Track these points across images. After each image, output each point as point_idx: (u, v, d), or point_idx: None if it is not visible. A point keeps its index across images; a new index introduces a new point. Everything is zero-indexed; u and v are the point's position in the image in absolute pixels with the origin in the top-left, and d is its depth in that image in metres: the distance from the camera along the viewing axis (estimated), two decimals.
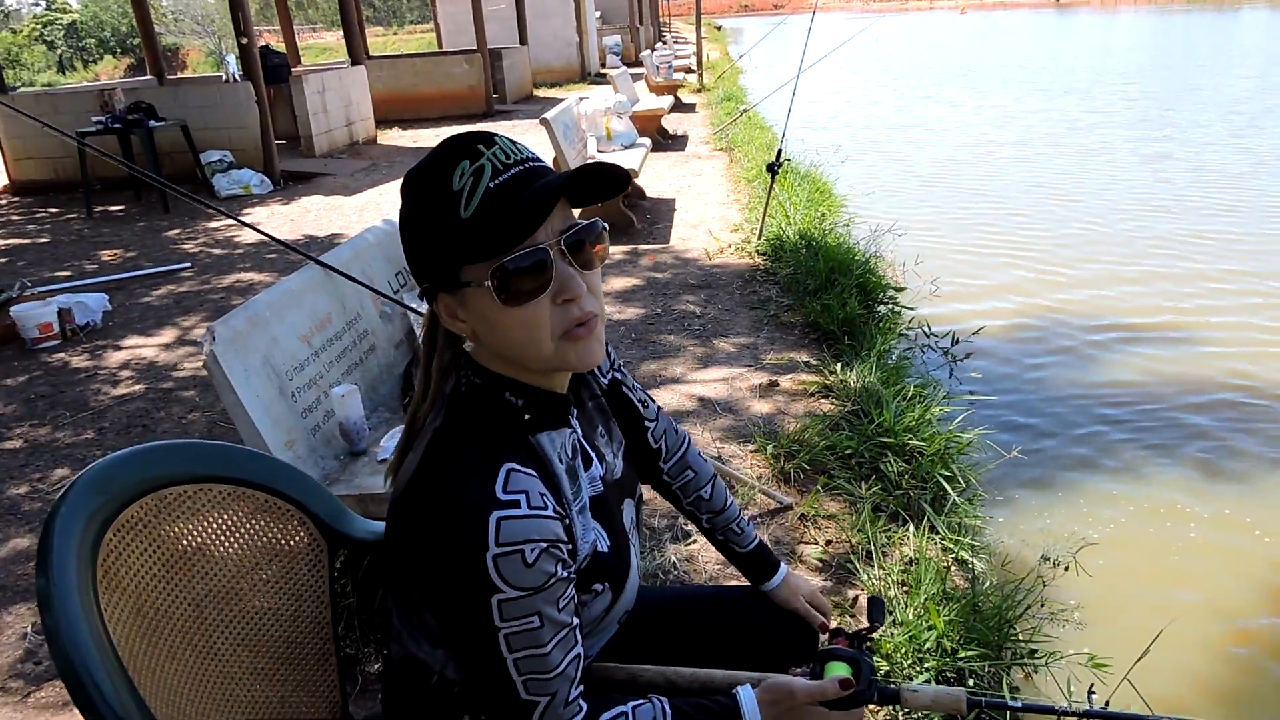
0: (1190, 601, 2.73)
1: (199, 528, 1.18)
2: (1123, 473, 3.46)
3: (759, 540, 1.40)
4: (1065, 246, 6.43)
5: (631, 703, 1.03)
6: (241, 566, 1.22)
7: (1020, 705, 1.36)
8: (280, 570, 1.27)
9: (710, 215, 6.74)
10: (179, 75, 19.73)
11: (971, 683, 2.05)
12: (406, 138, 12.26)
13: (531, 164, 0.93)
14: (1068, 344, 4.72)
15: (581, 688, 0.97)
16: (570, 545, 0.95)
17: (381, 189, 8.58)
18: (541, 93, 17.68)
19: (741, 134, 9.93)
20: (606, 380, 1.24)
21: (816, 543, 2.60)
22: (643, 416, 1.31)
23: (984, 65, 21.17)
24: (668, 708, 1.03)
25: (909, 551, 2.51)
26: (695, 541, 2.61)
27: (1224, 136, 10.25)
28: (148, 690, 1.00)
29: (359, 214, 7.54)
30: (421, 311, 2.51)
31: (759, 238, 5.65)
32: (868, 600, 1.29)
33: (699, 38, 17.81)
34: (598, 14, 24.38)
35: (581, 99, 7.33)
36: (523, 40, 17.09)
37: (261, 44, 10.49)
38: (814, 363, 3.85)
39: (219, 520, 1.20)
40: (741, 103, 12.73)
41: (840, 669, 1.12)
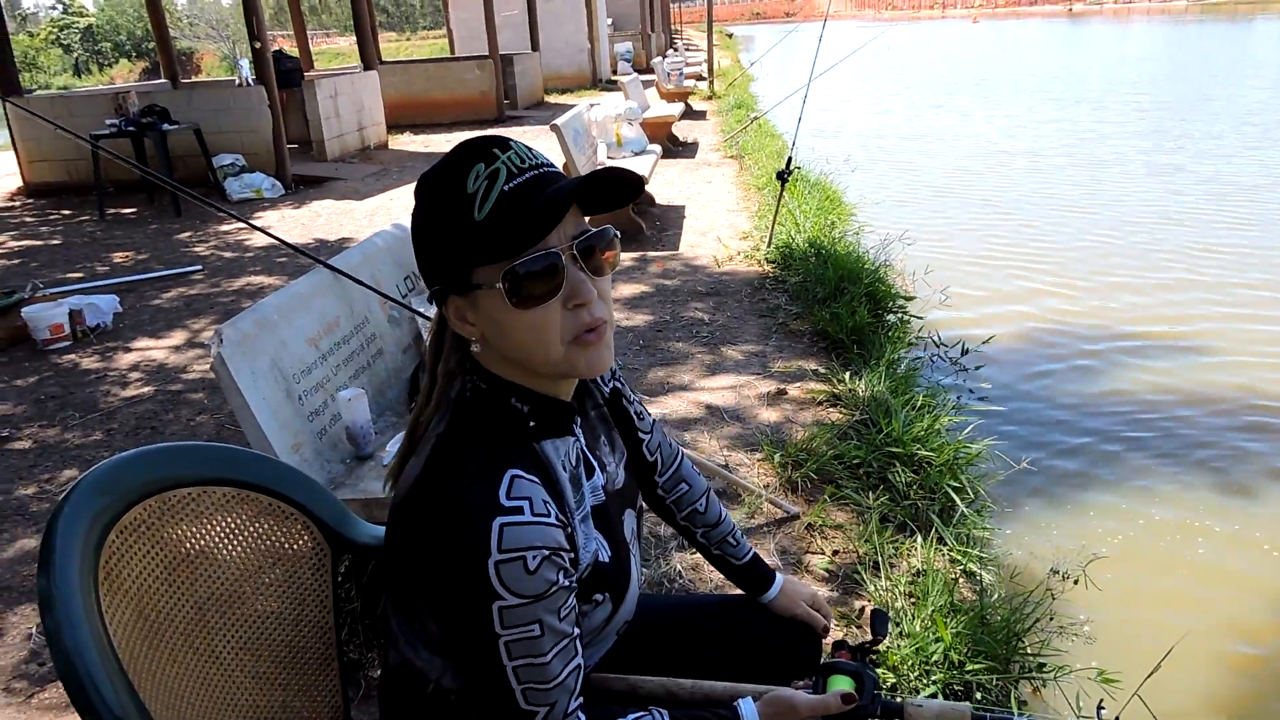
0: (1202, 617, 2.70)
1: (202, 530, 1.17)
2: (1133, 485, 3.43)
3: (753, 553, 1.39)
4: (1076, 258, 6.40)
5: (631, 715, 1.02)
6: (244, 570, 1.21)
7: None
8: (283, 574, 1.27)
9: (720, 223, 6.74)
10: (193, 79, 19.88)
11: (979, 696, 2.03)
12: (418, 143, 12.30)
13: (546, 169, 0.94)
14: (1078, 355, 4.69)
15: (581, 699, 0.97)
16: (572, 554, 0.95)
17: (392, 194, 8.60)
18: (553, 98, 17.74)
19: (752, 141, 9.93)
20: (608, 389, 1.24)
21: (823, 553, 2.59)
22: (638, 429, 1.30)
23: (996, 74, 21.14)
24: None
25: (916, 563, 2.49)
26: None
27: (1238, 148, 10.20)
28: (148, 693, 0.99)
29: (369, 219, 7.56)
30: (429, 316, 2.51)
31: (768, 245, 5.64)
32: (871, 613, 1.28)
33: (710, 45, 17.85)
34: (609, 21, 24.46)
35: (592, 105, 7.35)
36: (534, 46, 17.15)
37: (275, 48, 10.55)
38: (822, 371, 3.83)
39: (222, 523, 1.20)
40: (752, 110, 12.74)
41: (843, 683, 1.11)
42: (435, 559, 0.90)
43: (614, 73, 21.21)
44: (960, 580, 2.49)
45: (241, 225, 7.34)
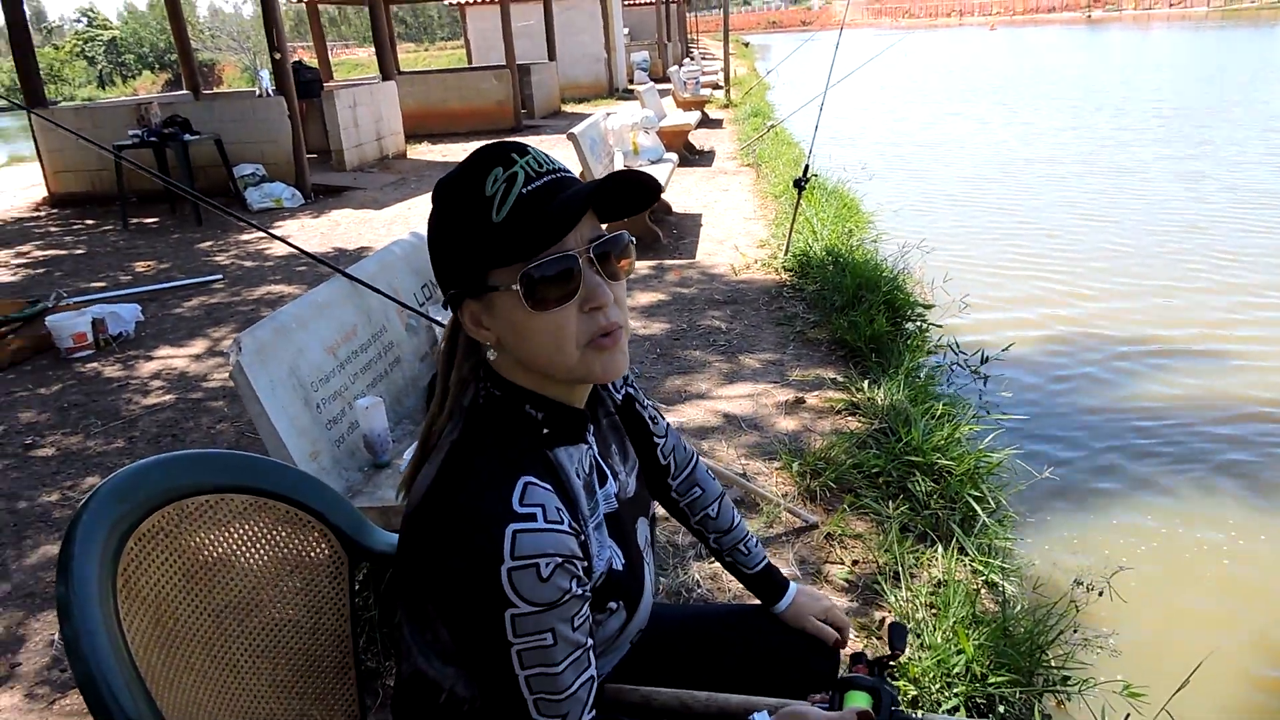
0: (1230, 631, 2.65)
1: (220, 538, 1.17)
2: (1157, 495, 3.38)
3: (767, 561, 1.37)
4: (1097, 265, 6.34)
5: None
6: (262, 578, 1.21)
7: None
8: (301, 582, 1.27)
9: (736, 231, 6.73)
10: (214, 90, 20.09)
11: (1002, 709, 2.00)
12: (436, 152, 12.37)
13: (563, 173, 0.94)
14: (1099, 363, 4.64)
15: (594, 712, 0.96)
16: (586, 562, 0.94)
17: (410, 203, 8.65)
18: (569, 108, 17.80)
19: (768, 150, 9.92)
20: (620, 396, 1.23)
21: (843, 563, 2.56)
22: (652, 433, 1.30)
23: (1014, 82, 21.03)
24: None
25: (937, 573, 2.47)
26: None
27: (1261, 154, 10.08)
28: (165, 701, 0.99)
29: (388, 227, 7.60)
30: (446, 324, 2.52)
31: (785, 253, 5.62)
32: (889, 626, 1.26)
33: (726, 54, 17.86)
34: (626, 30, 24.56)
35: (609, 114, 7.37)
36: (551, 56, 17.24)
37: (295, 60, 10.64)
38: (841, 380, 3.81)
39: (240, 531, 1.20)
40: (768, 118, 12.73)
41: (860, 699, 1.09)
42: (447, 566, 0.90)
43: (630, 82, 21.26)
44: (982, 591, 2.46)
45: (261, 234, 7.39)
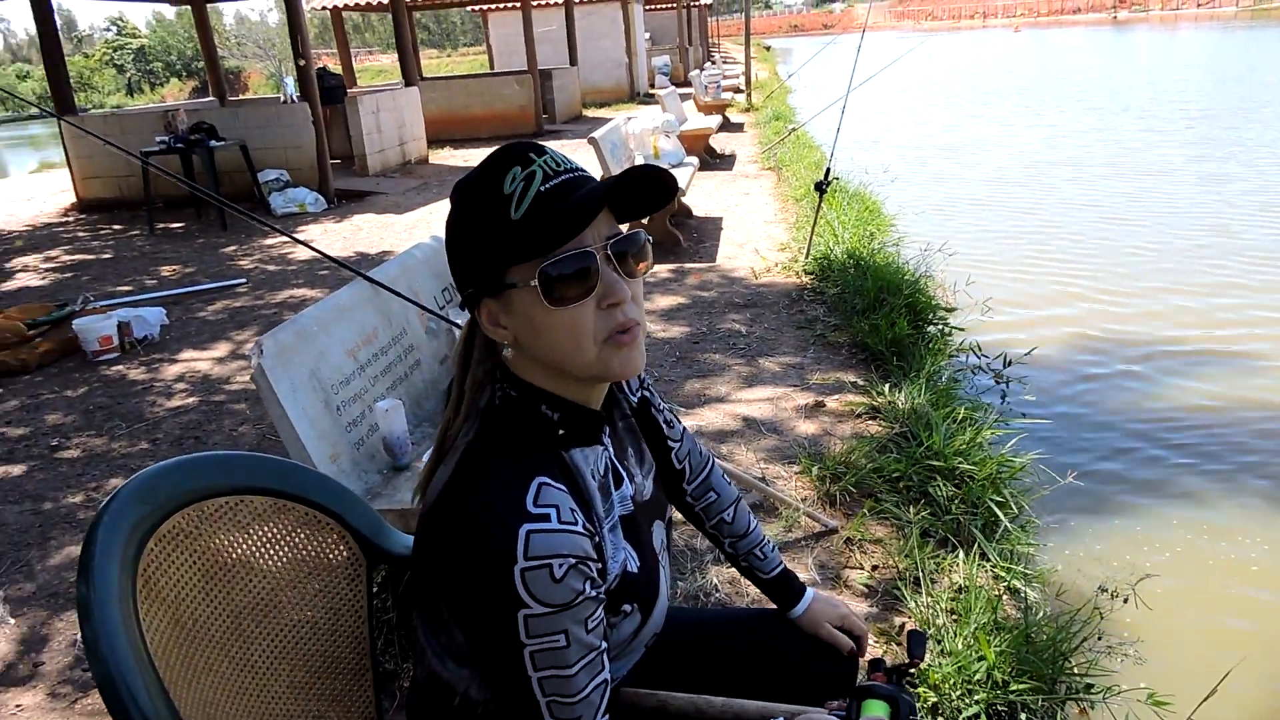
0: (1259, 640, 2.61)
1: (239, 539, 1.18)
2: (1183, 500, 3.34)
3: (783, 566, 1.36)
4: (1121, 268, 6.27)
5: None
6: (280, 579, 1.22)
7: None
8: (319, 584, 1.27)
9: (757, 234, 6.71)
10: (240, 97, 20.32)
11: (1024, 717, 1.97)
12: (458, 157, 12.44)
13: (580, 172, 0.95)
14: (1125, 367, 4.59)
15: (608, 716, 0.95)
16: (600, 564, 0.93)
17: (432, 208, 8.70)
18: (590, 113, 17.85)
19: (789, 153, 9.89)
20: (636, 399, 1.23)
21: (862, 568, 2.54)
22: (668, 437, 1.29)
23: (1038, 84, 20.86)
24: None
25: (959, 579, 2.44)
26: None
27: None
28: (183, 701, 0.99)
29: (410, 232, 7.65)
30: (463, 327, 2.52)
31: (806, 257, 5.60)
32: (908, 634, 1.24)
33: (748, 58, 17.84)
34: (647, 35, 24.60)
35: (629, 119, 7.37)
36: (573, 61, 17.29)
37: (319, 66, 10.74)
38: (861, 383, 3.78)
39: (259, 532, 1.20)
40: (790, 122, 12.70)
41: (878, 708, 1.08)
42: (461, 566, 0.90)
43: (652, 86, 21.29)
44: (1004, 597, 2.43)
45: (285, 239, 7.46)
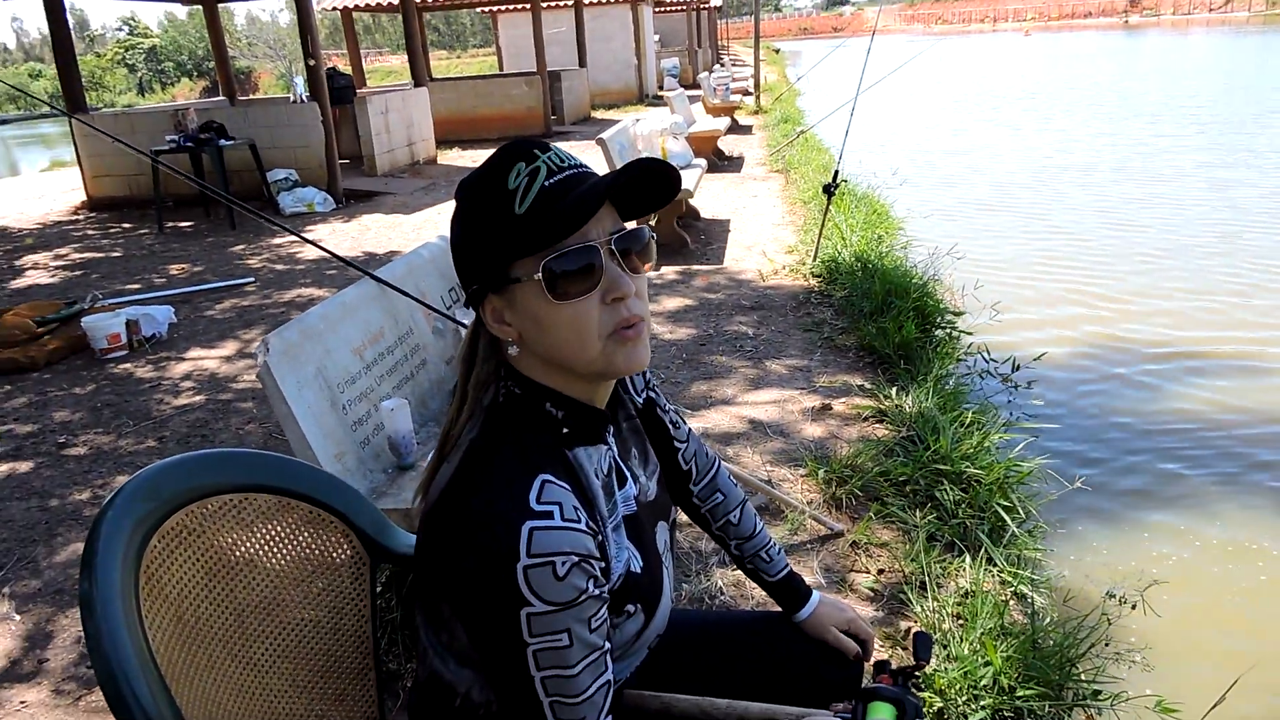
0: (1268, 648, 2.58)
1: (242, 537, 1.18)
2: (1191, 507, 3.31)
3: (789, 569, 1.35)
4: (1131, 273, 6.24)
5: None
6: (284, 578, 1.22)
7: None
8: (323, 583, 1.27)
9: (765, 236, 6.70)
10: (250, 97, 20.39)
11: None
12: (466, 158, 12.46)
13: (584, 168, 0.96)
14: (1133, 373, 4.56)
15: (610, 718, 0.95)
16: (603, 563, 0.93)
17: (440, 208, 8.72)
18: (599, 114, 17.87)
19: (798, 156, 9.88)
20: (641, 400, 1.22)
21: (868, 571, 2.53)
22: (673, 438, 1.29)
23: (1048, 88, 20.80)
24: None
25: (965, 583, 2.43)
26: None
27: None
28: (184, 698, 0.99)
29: (417, 232, 7.66)
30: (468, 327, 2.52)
31: (814, 259, 5.59)
32: (914, 636, 1.23)
33: (757, 60, 17.84)
34: (656, 37, 24.62)
35: (638, 120, 7.37)
36: (582, 63, 17.31)
37: (329, 67, 10.77)
38: (868, 387, 3.77)
39: (262, 530, 1.20)
40: (798, 124, 12.68)
41: (883, 711, 1.07)
42: (463, 564, 0.89)
43: (661, 88, 21.31)
44: (1011, 602, 2.42)
45: (293, 238, 7.48)
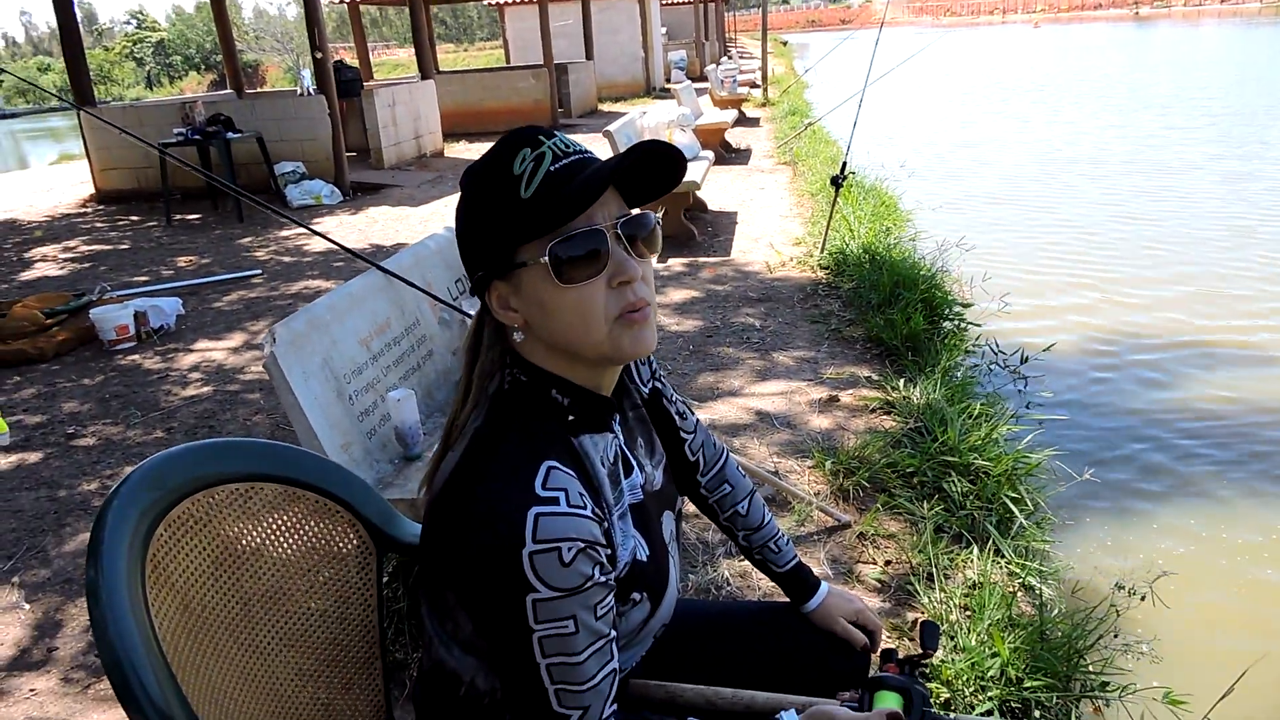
0: (1276, 637, 2.57)
1: (249, 526, 1.17)
2: (1200, 499, 3.30)
3: (797, 560, 1.35)
4: (1140, 265, 6.21)
5: None
6: (290, 567, 1.22)
7: None
8: (329, 573, 1.27)
9: (772, 229, 6.68)
10: (258, 90, 20.41)
11: (1038, 714, 1.95)
12: (473, 151, 12.45)
13: (588, 154, 0.96)
14: (1142, 365, 4.54)
15: (615, 706, 0.94)
16: (609, 550, 0.93)
17: (447, 200, 8.71)
18: (606, 107, 17.83)
19: (806, 148, 9.84)
20: (647, 389, 1.22)
21: (875, 562, 2.52)
22: (680, 428, 1.28)
23: (1057, 80, 20.68)
24: None
25: (972, 575, 2.42)
26: None
27: None
28: (191, 686, 0.99)
29: (424, 224, 7.66)
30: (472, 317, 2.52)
31: (821, 251, 5.57)
32: (921, 625, 1.23)
33: (764, 53, 17.77)
34: (663, 29, 24.54)
35: (644, 113, 7.35)
36: (589, 55, 17.27)
37: (336, 59, 10.77)
38: (876, 378, 3.76)
39: (268, 520, 1.20)
40: (806, 117, 12.63)
41: (890, 700, 1.07)
42: (469, 551, 0.89)
43: (668, 81, 21.23)
44: (1019, 594, 2.41)
45: (300, 231, 7.49)
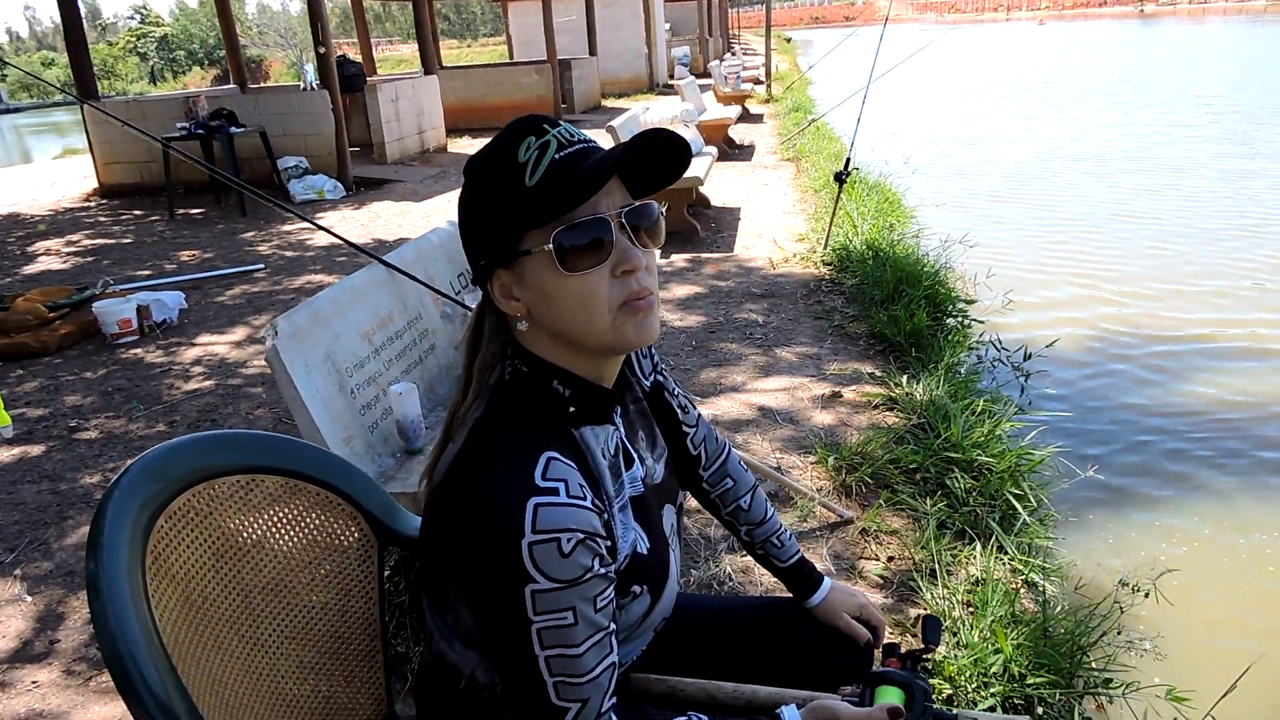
0: (1279, 634, 2.57)
1: (250, 518, 1.17)
2: (1204, 496, 3.29)
3: (800, 555, 1.34)
4: (1144, 263, 6.19)
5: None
6: (292, 560, 1.21)
7: None
8: (331, 566, 1.26)
9: (775, 225, 6.67)
10: (261, 85, 20.40)
11: (1040, 711, 1.95)
12: (476, 146, 12.40)
13: (592, 143, 0.95)
14: (1147, 362, 4.53)
15: (614, 699, 0.94)
16: (609, 541, 0.92)
17: (450, 195, 8.71)
18: (609, 103, 17.81)
19: (809, 144, 9.83)
20: (649, 383, 1.21)
21: (878, 559, 2.52)
22: (682, 422, 1.27)
23: (1061, 77, 20.62)
24: None
25: (975, 571, 2.42)
26: None
27: None
28: (191, 678, 0.99)
29: (427, 219, 7.66)
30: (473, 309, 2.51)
31: (825, 247, 5.56)
32: (923, 619, 1.22)
33: (768, 49, 17.75)
34: (667, 26, 24.50)
35: (647, 108, 7.34)
36: (592, 51, 17.25)
37: (339, 55, 10.75)
38: (879, 374, 3.75)
39: (270, 512, 1.19)
40: (810, 113, 12.61)
41: (891, 694, 1.06)
42: (468, 542, 0.89)
43: (671, 77, 21.20)
44: (1022, 591, 2.41)
45: (303, 225, 7.49)
